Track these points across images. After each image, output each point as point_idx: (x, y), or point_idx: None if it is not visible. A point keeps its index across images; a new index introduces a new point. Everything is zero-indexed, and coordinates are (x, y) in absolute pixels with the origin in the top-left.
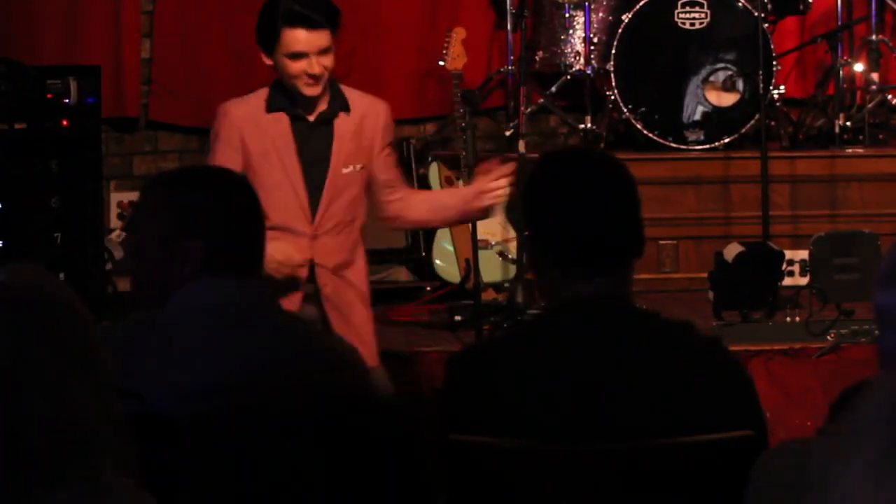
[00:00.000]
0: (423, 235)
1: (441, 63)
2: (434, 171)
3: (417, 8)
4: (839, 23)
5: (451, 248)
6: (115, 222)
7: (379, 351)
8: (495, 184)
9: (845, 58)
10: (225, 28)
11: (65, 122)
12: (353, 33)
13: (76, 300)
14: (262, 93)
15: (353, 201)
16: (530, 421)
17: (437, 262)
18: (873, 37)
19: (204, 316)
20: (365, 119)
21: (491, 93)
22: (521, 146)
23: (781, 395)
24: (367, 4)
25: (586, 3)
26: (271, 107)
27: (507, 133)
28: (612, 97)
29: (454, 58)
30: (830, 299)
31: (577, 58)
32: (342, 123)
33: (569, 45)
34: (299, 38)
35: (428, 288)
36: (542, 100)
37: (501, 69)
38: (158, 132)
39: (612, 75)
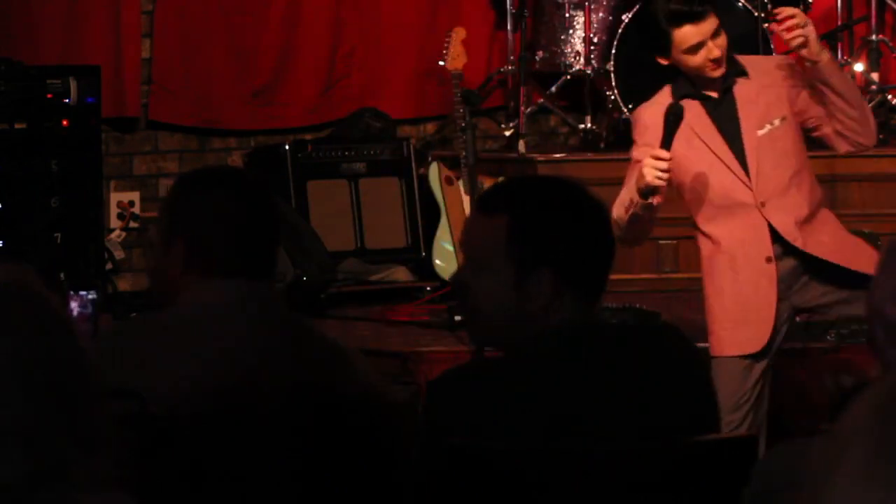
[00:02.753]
0: (423, 235)
1: (441, 63)
2: (434, 171)
3: (417, 8)
4: (839, 23)
5: (451, 248)
6: (115, 222)
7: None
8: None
9: (845, 58)
10: (225, 28)
11: (65, 122)
12: (353, 33)
13: (53, 303)
14: (666, 89)
15: (785, 157)
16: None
17: (437, 262)
18: (873, 37)
19: (208, 316)
20: (763, 75)
21: (491, 93)
22: (521, 146)
23: (781, 395)
24: (367, 4)
25: (586, 3)
26: (677, 96)
27: (507, 133)
28: (612, 97)
29: (454, 58)
30: None
31: (577, 58)
32: (742, 88)
33: (569, 45)
34: (689, 33)
35: (428, 288)
36: (542, 100)
37: (501, 69)
38: (158, 132)
39: (612, 75)
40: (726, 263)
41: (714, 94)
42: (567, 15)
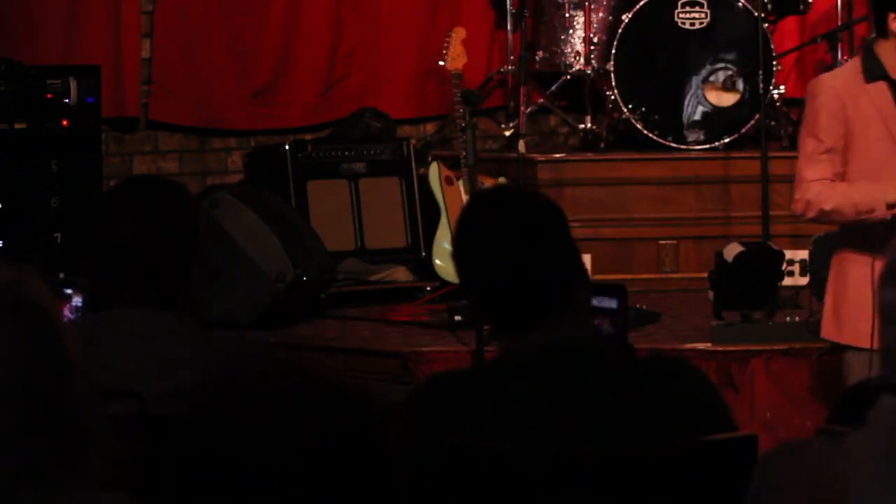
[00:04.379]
0: (423, 235)
1: (441, 63)
2: (434, 171)
3: (417, 8)
4: (839, 23)
5: (451, 248)
6: None
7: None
8: None
9: (845, 58)
10: (225, 28)
11: (65, 122)
12: (353, 33)
13: (47, 306)
14: (853, 63)
15: None
16: None
17: (437, 262)
18: (873, 36)
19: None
20: None
21: (491, 93)
22: (521, 146)
23: (781, 395)
24: (367, 4)
25: (586, 3)
26: (870, 76)
27: (507, 133)
28: (612, 97)
29: (454, 58)
30: None
31: (577, 58)
32: None
33: (569, 45)
34: None
35: (428, 288)
36: (542, 100)
37: (501, 69)
38: (158, 132)
39: (612, 75)
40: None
41: None
42: (567, 15)
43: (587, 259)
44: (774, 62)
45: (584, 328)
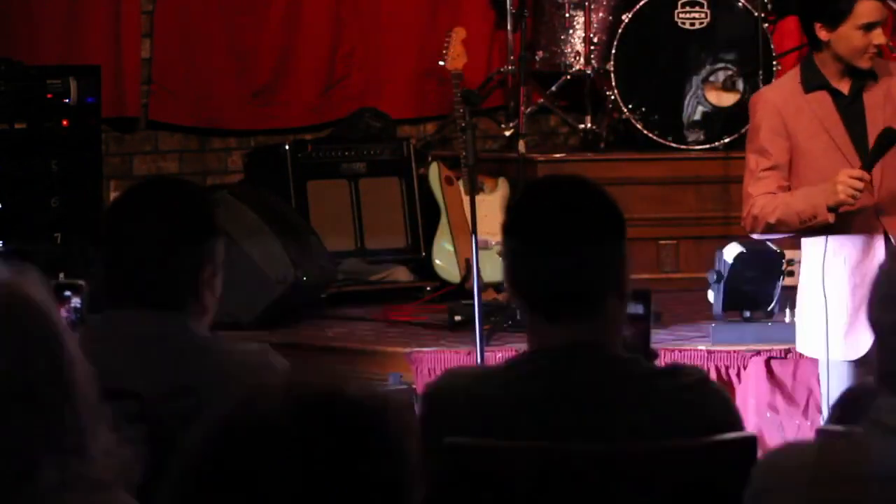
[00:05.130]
0: (423, 235)
1: (441, 63)
2: (434, 171)
3: (417, 8)
4: None
5: (451, 248)
6: None
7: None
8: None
9: None
10: (225, 28)
11: (65, 122)
12: (353, 33)
13: (45, 307)
14: (792, 75)
15: None
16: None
17: (437, 262)
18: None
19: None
20: (892, 84)
21: (491, 93)
22: (521, 146)
23: (781, 395)
24: (367, 4)
25: (586, 3)
26: (809, 86)
27: (507, 133)
28: (612, 97)
29: (454, 58)
30: None
31: (577, 58)
32: (871, 92)
33: (569, 45)
34: (873, 9)
35: (428, 288)
36: (542, 100)
37: (501, 69)
38: (158, 132)
39: (612, 75)
40: (840, 266)
41: (844, 91)
42: (567, 15)
43: None
44: (774, 62)
45: (609, 336)
